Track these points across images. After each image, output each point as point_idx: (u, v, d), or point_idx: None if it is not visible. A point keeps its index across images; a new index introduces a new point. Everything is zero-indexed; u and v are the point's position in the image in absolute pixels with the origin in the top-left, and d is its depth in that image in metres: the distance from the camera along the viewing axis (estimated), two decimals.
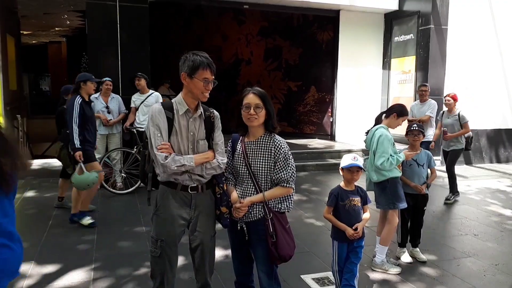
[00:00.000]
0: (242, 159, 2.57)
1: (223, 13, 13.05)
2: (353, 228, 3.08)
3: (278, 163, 2.51)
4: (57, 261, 4.00)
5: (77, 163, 4.78)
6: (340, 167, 3.18)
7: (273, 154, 2.51)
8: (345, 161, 3.14)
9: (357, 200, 3.17)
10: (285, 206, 2.58)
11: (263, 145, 2.54)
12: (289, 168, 2.52)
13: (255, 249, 2.59)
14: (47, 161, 8.52)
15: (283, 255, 2.48)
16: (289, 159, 2.53)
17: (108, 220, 5.30)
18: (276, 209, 2.55)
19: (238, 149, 2.61)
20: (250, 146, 2.57)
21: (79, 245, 4.45)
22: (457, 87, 9.38)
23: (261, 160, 2.52)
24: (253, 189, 2.55)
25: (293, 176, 2.53)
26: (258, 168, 2.53)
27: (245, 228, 2.56)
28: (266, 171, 2.52)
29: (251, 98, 2.49)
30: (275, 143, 2.53)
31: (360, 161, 3.11)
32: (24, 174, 1.36)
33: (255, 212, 2.53)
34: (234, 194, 2.59)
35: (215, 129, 2.58)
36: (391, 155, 3.77)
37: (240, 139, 2.65)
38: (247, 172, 2.55)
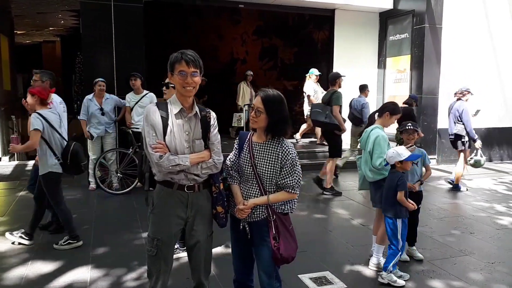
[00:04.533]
0: (248, 158, 2.55)
1: (219, 13, 13.03)
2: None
3: (284, 169, 2.49)
4: (54, 262, 3.98)
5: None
6: (400, 160, 3.60)
7: (280, 158, 2.48)
8: (403, 153, 3.60)
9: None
10: (288, 207, 2.57)
11: (271, 148, 2.52)
12: (296, 174, 2.50)
13: (257, 249, 2.58)
14: None
15: (285, 256, 2.47)
16: (296, 165, 2.50)
17: (104, 220, 5.28)
18: (280, 210, 2.53)
19: (245, 148, 2.59)
20: (258, 147, 2.55)
21: None
22: (452, 85, 9.41)
23: (267, 163, 2.50)
24: (257, 190, 2.53)
25: (299, 182, 2.52)
26: (263, 170, 2.50)
27: (247, 228, 2.56)
28: (271, 174, 2.50)
29: (256, 101, 2.50)
30: (283, 147, 2.50)
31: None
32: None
33: (258, 212, 2.52)
34: (239, 195, 2.57)
35: (211, 129, 2.57)
36: None
37: (248, 137, 2.63)
38: (253, 172, 2.53)
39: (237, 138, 2.71)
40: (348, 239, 4.79)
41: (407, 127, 4.11)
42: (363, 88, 8.17)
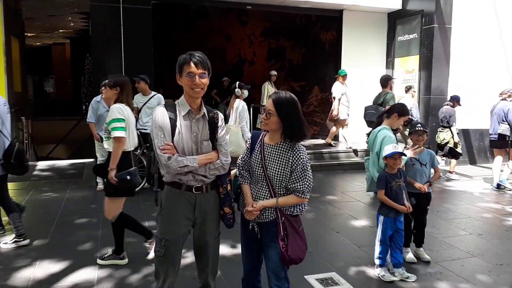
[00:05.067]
0: (259, 159, 2.54)
1: (226, 14, 13.08)
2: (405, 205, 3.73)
3: (295, 173, 2.47)
4: (61, 261, 4.03)
5: None
6: (383, 156, 3.70)
7: (290, 162, 2.47)
8: (387, 150, 3.64)
9: (401, 181, 3.75)
10: (298, 209, 2.56)
11: (282, 151, 2.50)
12: (306, 179, 2.47)
13: (266, 249, 2.59)
14: (51, 163, 8.55)
15: (294, 258, 2.47)
16: (307, 170, 2.48)
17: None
18: (289, 212, 2.53)
19: (257, 148, 2.59)
20: (269, 149, 2.54)
21: (83, 244, 4.48)
22: (461, 86, 9.35)
23: (278, 166, 2.48)
24: (267, 191, 2.53)
25: (309, 187, 2.49)
26: (273, 172, 2.49)
27: (256, 228, 2.57)
28: (281, 177, 2.49)
29: (268, 103, 2.49)
30: (294, 151, 2.47)
31: (400, 149, 3.64)
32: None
33: (267, 214, 2.52)
34: (249, 195, 2.58)
35: (218, 130, 2.58)
36: None
37: (260, 137, 2.62)
38: (263, 174, 2.53)
39: (249, 137, 2.71)
40: (355, 240, 4.77)
41: (416, 128, 4.09)
42: (409, 89, 8.41)
